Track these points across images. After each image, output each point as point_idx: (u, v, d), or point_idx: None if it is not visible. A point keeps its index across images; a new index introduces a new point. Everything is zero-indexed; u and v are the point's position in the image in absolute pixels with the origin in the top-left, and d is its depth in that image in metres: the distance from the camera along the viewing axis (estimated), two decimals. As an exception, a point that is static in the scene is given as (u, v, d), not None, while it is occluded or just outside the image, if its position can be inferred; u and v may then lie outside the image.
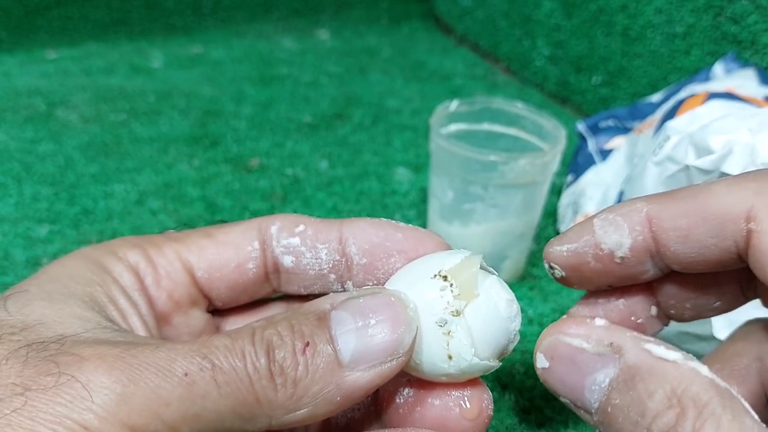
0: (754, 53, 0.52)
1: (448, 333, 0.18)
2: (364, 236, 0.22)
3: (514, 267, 0.44)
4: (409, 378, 0.20)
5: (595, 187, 0.48)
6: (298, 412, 0.17)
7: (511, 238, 0.42)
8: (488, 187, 0.39)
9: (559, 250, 0.21)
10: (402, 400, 0.20)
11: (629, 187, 0.41)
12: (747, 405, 0.15)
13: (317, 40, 0.97)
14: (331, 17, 1.06)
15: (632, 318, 0.22)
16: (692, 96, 0.41)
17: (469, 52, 0.94)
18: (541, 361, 0.18)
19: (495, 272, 0.20)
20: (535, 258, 0.48)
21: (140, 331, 0.20)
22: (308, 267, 0.22)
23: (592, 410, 0.17)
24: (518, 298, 0.45)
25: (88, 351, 0.16)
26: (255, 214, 0.51)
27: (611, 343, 0.17)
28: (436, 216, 0.43)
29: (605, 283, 0.21)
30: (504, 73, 0.86)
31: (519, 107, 0.44)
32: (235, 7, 0.99)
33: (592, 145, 0.54)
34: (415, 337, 0.18)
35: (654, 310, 0.22)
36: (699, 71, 0.57)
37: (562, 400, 0.18)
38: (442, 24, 1.04)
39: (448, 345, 0.18)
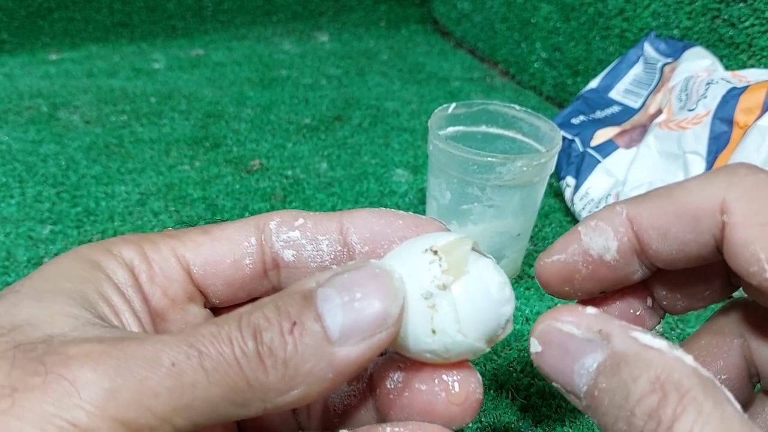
0: (750, 56, 0.53)
1: (433, 306, 0.18)
2: (365, 225, 0.22)
3: (510, 267, 0.45)
4: (400, 363, 0.20)
5: (635, 187, 0.49)
6: (291, 393, 0.16)
7: (508, 239, 0.43)
8: (485, 188, 0.40)
9: (549, 262, 0.21)
10: (392, 386, 0.20)
11: None
12: (730, 395, 0.15)
13: (317, 43, 0.97)
14: (330, 20, 1.07)
15: (631, 311, 0.23)
16: (749, 86, 0.44)
17: (467, 55, 0.95)
18: (534, 347, 0.19)
19: (491, 257, 0.20)
20: (531, 258, 0.48)
21: (133, 327, 0.20)
22: (310, 260, 0.22)
23: (581, 394, 0.17)
24: (514, 298, 0.45)
25: (74, 350, 0.16)
26: (255, 214, 0.51)
27: (600, 330, 0.17)
28: (434, 216, 0.44)
29: (598, 289, 0.22)
30: (501, 76, 0.87)
31: (516, 110, 0.45)
32: (235, 10, 1.00)
33: (579, 143, 0.54)
34: (402, 308, 0.18)
35: (650, 301, 0.23)
36: (628, 51, 0.59)
37: (554, 385, 0.18)
38: (441, 27, 1.05)
39: (432, 319, 0.18)
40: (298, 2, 1.05)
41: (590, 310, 0.18)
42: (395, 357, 0.21)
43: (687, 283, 0.22)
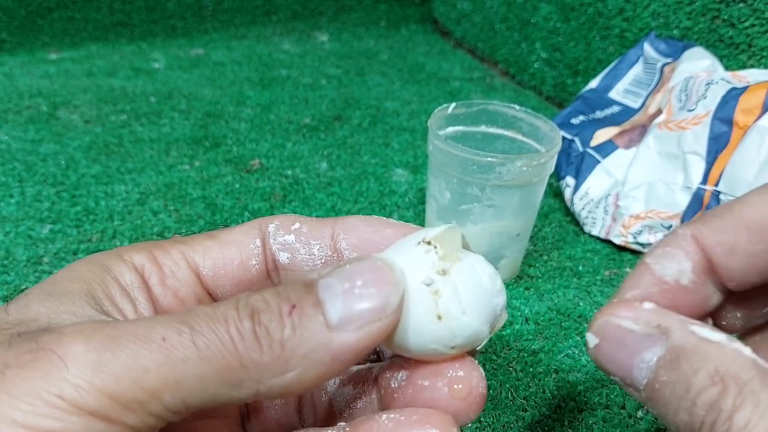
0: (750, 56, 0.53)
1: (436, 292, 0.18)
2: (355, 232, 0.22)
3: (510, 267, 0.45)
4: (405, 363, 0.20)
5: (635, 187, 0.49)
6: (286, 375, 0.16)
7: (508, 239, 0.43)
8: (485, 188, 0.40)
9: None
10: (396, 384, 0.20)
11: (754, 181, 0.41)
12: None
13: (317, 42, 0.97)
14: (330, 20, 1.07)
15: None
16: (748, 87, 0.44)
17: (467, 55, 0.95)
18: (591, 341, 0.19)
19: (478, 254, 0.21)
20: (530, 258, 0.48)
21: None
22: (303, 263, 0.23)
23: (641, 387, 0.18)
24: (514, 298, 0.45)
25: (69, 329, 0.16)
26: (255, 214, 0.51)
27: (659, 325, 0.18)
28: (434, 216, 0.44)
29: None
30: (501, 76, 0.87)
31: (516, 110, 0.45)
32: (235, 9, 1.00)
33: (578, 143, 0.54)
34: (402, 299, 0.18)
35: (710, 322, 0.22)
36: (628, 51, 0.59)
37: (612, 377, 0.19)
38: (441, 27, 1.05)
39: (437, 304, 0.18)
40: (298, 2, 1.05)
41: (647, 305, 0.18)
42: (400, 360, 0.21)
43: (747, 301, 0.22)
